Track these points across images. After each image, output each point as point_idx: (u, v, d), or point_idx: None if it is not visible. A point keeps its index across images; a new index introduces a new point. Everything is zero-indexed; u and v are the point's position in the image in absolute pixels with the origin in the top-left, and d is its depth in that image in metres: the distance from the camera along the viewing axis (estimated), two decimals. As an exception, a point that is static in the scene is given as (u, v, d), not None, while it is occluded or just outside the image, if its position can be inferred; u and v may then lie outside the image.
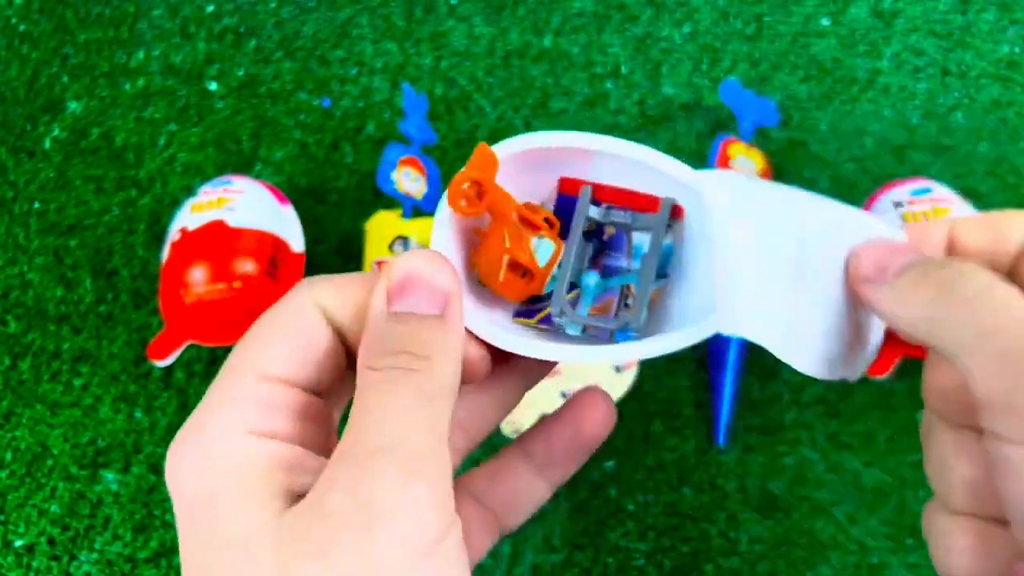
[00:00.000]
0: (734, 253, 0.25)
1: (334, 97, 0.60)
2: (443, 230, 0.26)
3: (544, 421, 0.26)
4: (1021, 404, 0.17)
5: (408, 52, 0.61)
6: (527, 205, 0.27)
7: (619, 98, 0.58)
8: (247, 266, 0.46)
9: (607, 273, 0.28)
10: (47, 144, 0.59)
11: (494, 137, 0.57)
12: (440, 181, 0.54)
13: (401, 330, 0.20)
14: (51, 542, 0.46)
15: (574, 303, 0.27)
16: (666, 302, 0.27)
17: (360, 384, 0.20)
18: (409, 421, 0.19)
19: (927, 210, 0.45)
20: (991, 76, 0.57)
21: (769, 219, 0.24)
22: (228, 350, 0.50)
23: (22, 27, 0.64)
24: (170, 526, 0.46)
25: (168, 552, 0.46)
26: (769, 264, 0.24)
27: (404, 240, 0.49)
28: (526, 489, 0.26)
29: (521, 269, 0.26)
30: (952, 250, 0.24)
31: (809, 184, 0.54)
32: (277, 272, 0.48)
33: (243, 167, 0.57)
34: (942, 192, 0.46)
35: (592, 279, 0.28)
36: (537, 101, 0.58)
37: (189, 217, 0.48)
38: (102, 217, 0.56)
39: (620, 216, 0.27)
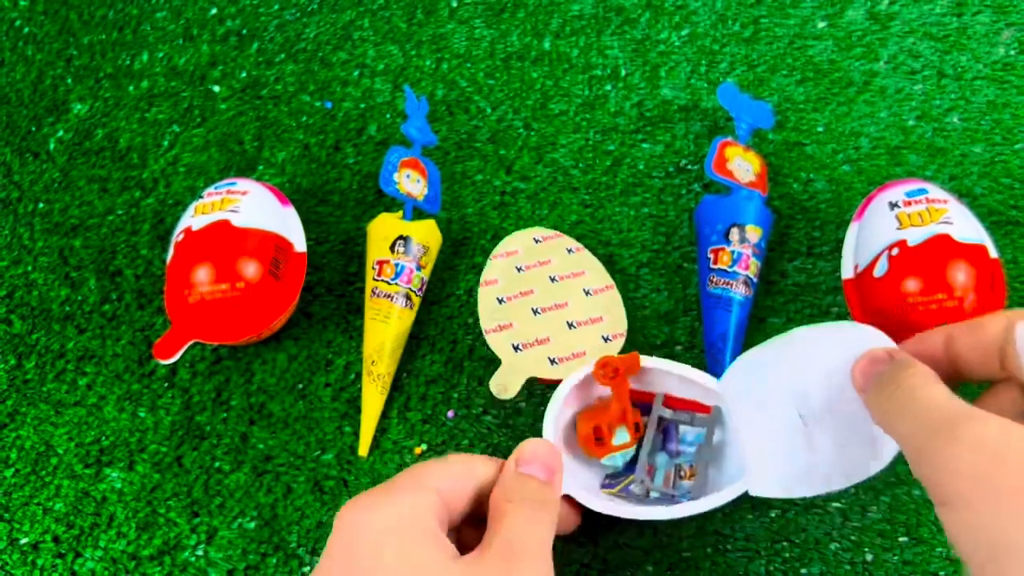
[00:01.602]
0: (747, 435, 0.39)
1: (336, 99, 0.60)
2: (556, 406, 0.43)
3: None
4: (926, 477, 0.27)
5: (409, 54, 0.62)
6: (633, 407, 0.43)
7: (618, 100, 0.59)
8: (250, 267, 0.47)
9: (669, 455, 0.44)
10: (51, 145, 0.59)
11: (494, 138, 0.58)
12: (440, 182, 0.55)
13: (526, 482, 0.35)
14: (56, 540, 0.47)
15: (652, 476, 0.43)
16: (708, 472, 0.42)
17: (495, 510, 0.33)
18: (534, 535, 0.32)
19: (923, 210, 0.45)
20: (986, 78, 0.58)
21: (770, 393, 0.38)
22: (232, 348, 0.51)
23: (26, 29, 0.64)
24: (173, 523, 0.47)
25: (171, 550, 0.46)
26: (770, 430, 0.38)
27: (405, 240, 0.50)
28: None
29: (599, 436, 0.42)
30: (949, 351, 0.32)
31: (805, 185, 0.54)
32: (280, 272, 0.48)
33: (246, 168, 0.57)
34: (937, 193, 0.46)
35: (663, 459, 0.44)
36: (537, 103, 0.59)
37: (193, 218, 0.49)
38: (106, 218, 0.56)
39: (683, 416, 0.44)
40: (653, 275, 0.52)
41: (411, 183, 0.52)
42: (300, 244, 0.50)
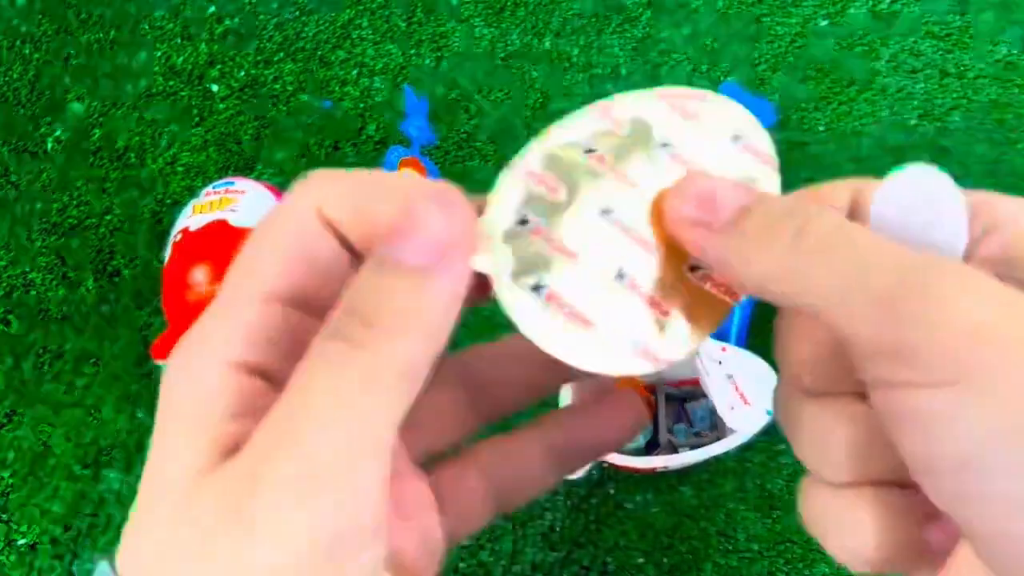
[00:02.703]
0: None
1: (335, 98, 0.60)
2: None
3: (570, 411, 0.26)
4: (913, 341, 0.15)
5: (409, 53, 0.61)
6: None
7: (619, 99, 0.58)
8: (249, 266, 0.47)
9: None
10: (49, 145, 0.59)
11: (494, 137, 0.58)
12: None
13: (373, 285, 0.17)
14: (54, 541, 0.47)
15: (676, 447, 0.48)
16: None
17: (315, 342, 0.17)
18: (328, 422, 0.16)
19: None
20: (989, 77, 0.57)
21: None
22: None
23: (24, 28, 0.64)
24: (172, 525, 0.46)
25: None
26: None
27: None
28: (535, 475, 0.24)
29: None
30: (859, 212, 0.20)
31: (807, 185, 0.54)
32: (278, 272, 0.48)
33: (244, 168, 0.57)
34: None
35: (681, 429, 0.49)
36: (537, 102, 0.59)
37: (191, 218, 0.49)
38: (104, 217, 0.56)
39: (687, 391, 0.49)
40: (654, 275, 0.52)
41: (411, 182, 0.52)
42: (299, 244, 0.50)
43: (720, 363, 0.45)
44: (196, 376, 0.17)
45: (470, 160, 0.57)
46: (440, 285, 0.17)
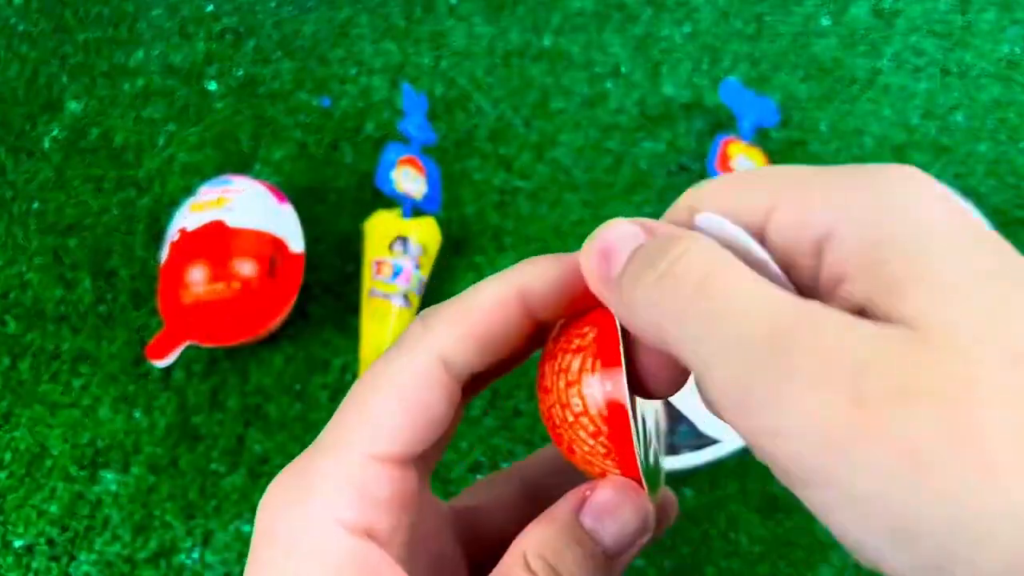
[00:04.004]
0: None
1: (333, 97, 0.59)
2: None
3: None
4: (764, 445, 0.15)
5: (408, 52, 0.61)
6: None
7: (619, 98, 0.58)
8: (246, 266, 0.46)
9: None
10: (46, 144, 0.59)
11: (494, 136, 0.57)
12: (440, 181, 0.54)
13: (577, 551, 0.18)
14: (50, 543, 0.46)
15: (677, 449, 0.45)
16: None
17: (499, 572, 0.18)
18: None
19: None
20: (991, 76, 0.57)
21: None
22: (228, 349, 0.50)
23: (21, 27, 0.63)
24: (169, 526, 0.46)
25: (167, 553, 0.45)
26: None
27: (404, 240, 0.49)
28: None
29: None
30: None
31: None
32: (276, 272, 0.47)
33: (242, 167, 0.57)
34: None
35: (684, 431, 0.45)
36: (537, 101, 0.58)
37: (188, 217, 0.48)
38: (101, 217, 0.56)
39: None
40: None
41: (409, 181, 0.51)
42: (297, 244, 0.50)
43: None
44: (303, 536, 0.18)
45: (469, 159, 0.57)
46: (620, 571, 0.19)
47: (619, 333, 0.18)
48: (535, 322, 0.20)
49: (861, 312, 0.15)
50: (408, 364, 0.19)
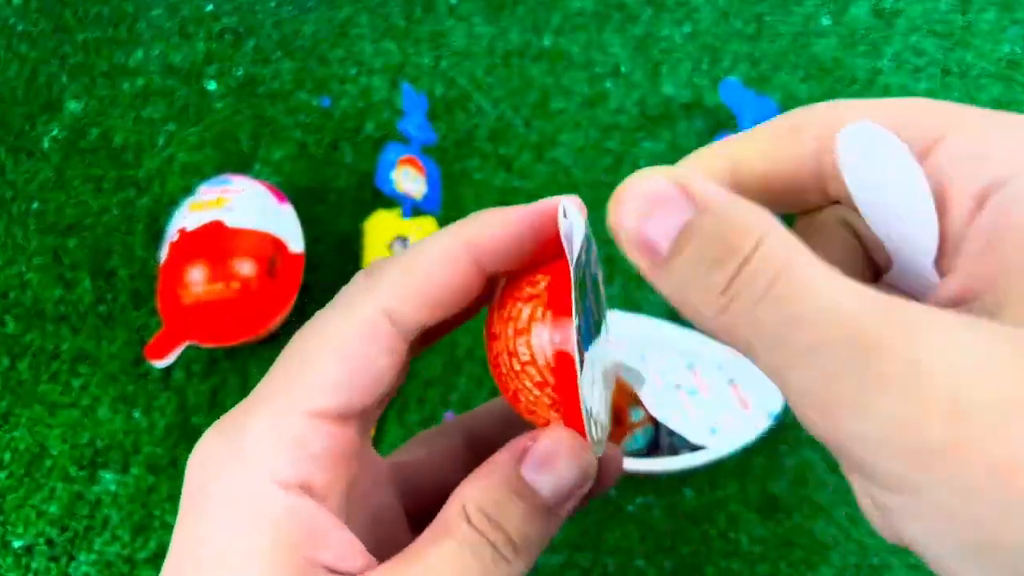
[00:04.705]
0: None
1: (333, 97, 0.59)
2: None
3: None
4: (855, 453, 0.13)
5: (407, 52, 0.61)
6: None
7: (619, 98, 0.58)
8: (245, 266, 0.46)
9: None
10: (46, 144, 0.59)
11: (494, 136, 0.57)
12: (440, 181, 0.54)
13: (514, 503, 0.18)
14: (50, 543, 0.46)
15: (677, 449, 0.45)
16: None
17: (443, 522, 0.18)
18: None
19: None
20: (992, 76, 0.57)
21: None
22: (228, 349, 0.50)
23: (20, 27, 0.63)
24: (169, 527, 0.46)
25: (167, 553, 0.45)
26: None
27: (403, 240, 0.49)
28: None
29: (617, 415, 0.41)
30: (739, 179, 0.18)
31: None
32: (276, 272, 0.47)
33: (242, 167, 0.57)
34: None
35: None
36: (537, 101, 0.58)
37: (188, 217, 0.48)
38: (101, 217, 0.56)
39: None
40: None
41: (409, 181, 0.51)
42: (296, 244, 0.50)
43: (720, 368, 0.44)
44: (238, 494, 0.17)
45: (469, 159, 0.56)
46: (559, 521, 0.19)
47: (572, 283, 0.18)
48: (485, 275, 0.19)
49: (967, 294, 0.14)
50: (350, 317, 0.18)
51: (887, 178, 0.15)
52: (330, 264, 0.53)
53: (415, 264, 0.18)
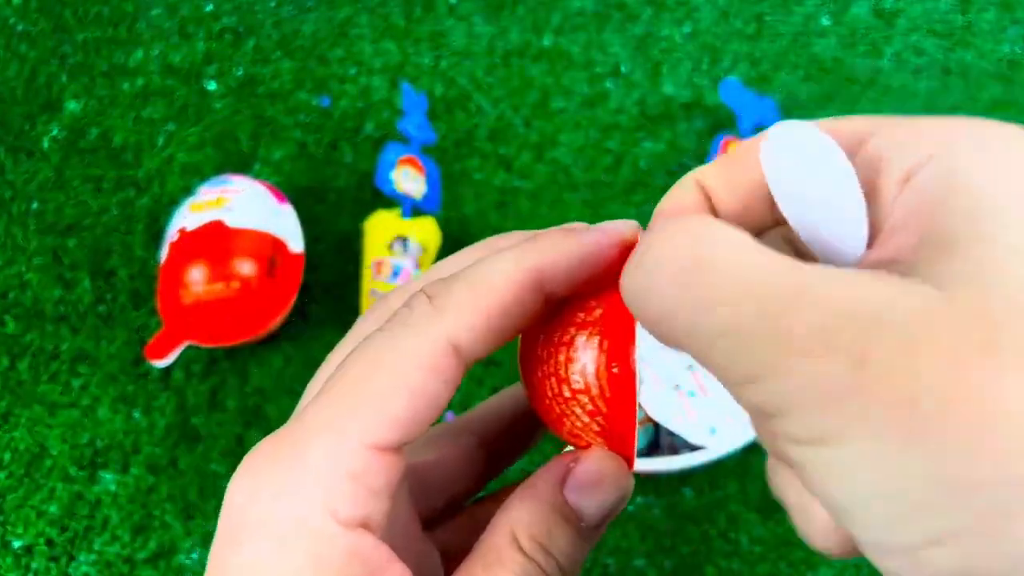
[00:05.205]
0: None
1: (333, 96, 0.59)
2: None
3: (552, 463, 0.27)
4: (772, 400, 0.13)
5: (407, 51, 0.61)
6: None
7: (619, 97, 0.58)
8: (245, 266, 0.46)
9: None
10: (45, 144, 0.59)
11: (494, 135, 0.57)
12: (440, 181, 0.54)
13: (561, 527, 0.18)
14: (50, 543, 0.46)
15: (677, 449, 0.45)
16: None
17: (487, 551, 0.18)
18: None
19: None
20: (992, 76, 0.57)
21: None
22: (227, 349, 0.50)
23: (20, 26, 0.63)
24: (169, 527, 0.46)
25: (166, 553, 0.45)
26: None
27: (403, 240, 0.49)
28: None
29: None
30: (710, 205, 0.19)
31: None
32: (276, 272, 0.47)
33: (242, 167, 0.57)
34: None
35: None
36: (537, 100, 0.58)
37: (188, 217, 0.48)
38: (100, 217, 0.56)
39: None
40: (655, 275, 0.52)
41: (409, 181, 0.51)
42: (296, 243, 0.50)
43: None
44: (293, 529, 0.16)
45: (469, 158, 0.56)
46: (597, 540, 0.19)
47: (631, 313, 0.17)
48: (545, 299, 0.18)
49: (881, 265, 0.14)
50: (416, 348, 0.17)
51: (814, 177, 0.15)
52: (330, 264, 0.53)
53: (483, 292, 0.18)
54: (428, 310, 0.18)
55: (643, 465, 0.43)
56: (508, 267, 0.18)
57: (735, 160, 0.18)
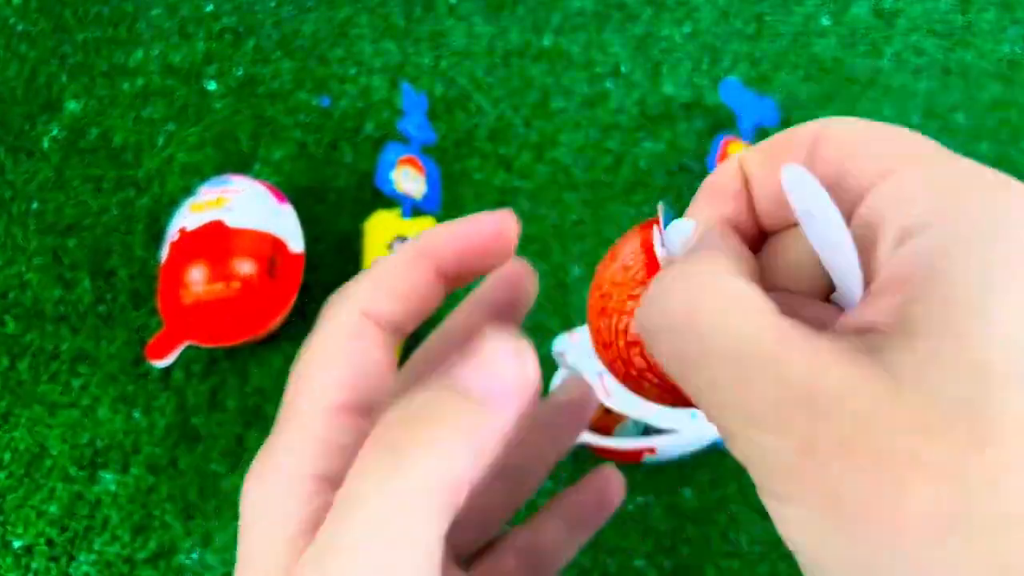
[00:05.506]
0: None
1: (333, 96, 0.59)
2: None
3: (570, 491, 0.28)
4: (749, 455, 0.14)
5: (407, 51, 0.61)
6: None
7: (619, 97, 0.58)
8: (246, 266, 0.46)
9: None
10: (45, 144, 0.59)
11: (494, 135, 0.57)
12: (440, 181, 0.54)
13: (433, 399, 0.17)
14: (50, 543, 0.46)
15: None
16: None
17: (365, 449, 0.17)
18: (371, 537, 0.15)
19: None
20: (992, 76, 0.57)
21: None
22: (227, 349, 0.50)
23: (20, 26, 0.63)
24: (169, 527, 0.46)
25: (167, 553, 0.45)
26: None
27: (403, 240, 0.49)
28: (561, 547, 0.26)
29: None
30: (750, 199, 0.19)
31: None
32: (276, 272, 0.47)
33: (242, 167, 0.57)
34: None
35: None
36: (537, 100, 0.58)
37: (188, 217, 0.48)
38: (100, 217, 0.56)
39: None
40: (655, 275, 0.52)
41: (409, 181, 0.51)
42: (296, 244, 0.50)
43: None
44: (272, 492, 0.18)
45: (469, 158, 0.56)
46: (498, 417, 0.17)
47: None
48: (444, 276, 0.22)
49: (866, 327, 0.14)
50: (335, 322, 0.20)
51: (817, 215, 0.16)
52: (330, 264, 0.53)
53: (379, 272, 0.21)
54: (336, 299, 0.21)
55: (628, 443, 0.43)
56: (401, 251, 0.22)
57: (773, 149, 0.19)
